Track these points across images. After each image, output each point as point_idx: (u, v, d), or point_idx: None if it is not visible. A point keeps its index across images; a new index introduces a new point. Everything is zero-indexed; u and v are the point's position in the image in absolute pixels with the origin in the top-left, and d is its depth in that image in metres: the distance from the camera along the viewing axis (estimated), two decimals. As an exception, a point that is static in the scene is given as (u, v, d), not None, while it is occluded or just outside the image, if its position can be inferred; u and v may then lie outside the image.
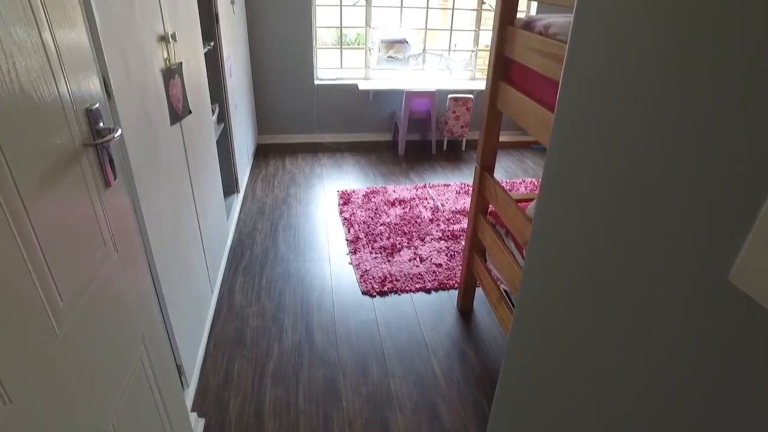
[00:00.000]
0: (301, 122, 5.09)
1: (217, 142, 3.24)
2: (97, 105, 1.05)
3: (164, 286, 1.78)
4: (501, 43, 2.04)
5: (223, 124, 3.42)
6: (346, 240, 3.42)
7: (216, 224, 2.88)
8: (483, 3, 5.04)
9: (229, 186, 3.70)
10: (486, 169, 2.34)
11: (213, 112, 3.22)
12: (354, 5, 4.87)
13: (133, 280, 1.25)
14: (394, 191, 4.14)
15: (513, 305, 2.15)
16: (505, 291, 2.26)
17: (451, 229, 3.58)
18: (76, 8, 1.00)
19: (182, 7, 2.28)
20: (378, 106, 5.11)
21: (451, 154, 5.10)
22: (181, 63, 2.16)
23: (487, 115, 2.23)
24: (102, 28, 1.34)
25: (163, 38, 1.96)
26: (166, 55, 2.00)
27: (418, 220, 3.69)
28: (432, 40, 5.39)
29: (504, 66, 2.09)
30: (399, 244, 3.37)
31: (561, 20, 1.71)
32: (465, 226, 3.64)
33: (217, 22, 3.15)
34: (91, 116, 1.02)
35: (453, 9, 5.08)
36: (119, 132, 1.05)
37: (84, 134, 0.99)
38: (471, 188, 4.23)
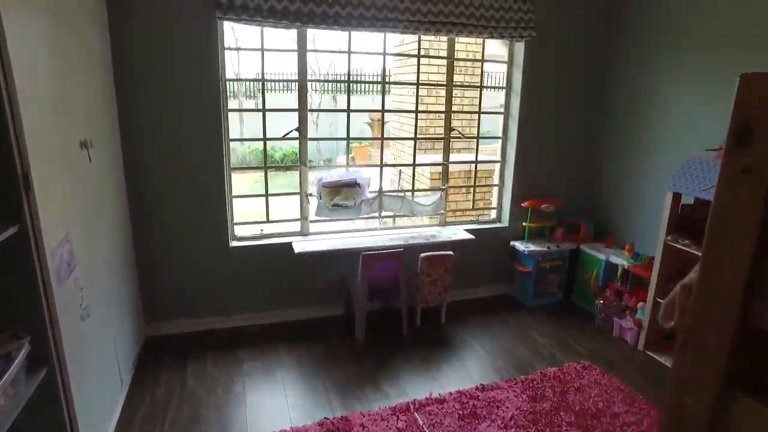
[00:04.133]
0: (211, 301, 3.50)
1: (31, 405, 1.61)
2: None
3: None
4: (748, 312, 0.68)
5: (44, 370, 1.78)
6: None
7: None
8: (452, 130, 3.95)
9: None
10: None
11: (13, 360, 1.60)
12: (284, 138, 3.60)
13: None
14: (363, 426, 2.56)
15: None
16: None
17: None
18: None
19: None
20: (322, 270, 3.65)
21: (429, 332, 3.66)
22: None
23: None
24: None
25: None
26: None
27: (417, 501, 2.10)
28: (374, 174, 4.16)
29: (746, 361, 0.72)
30: None
31: None
32: (498, 503, 2.08)
33: (28, 189, 1.65)
34: None
35: (415, 138, 3.94)
36: None
37: None
38: (479, 402, 2.72)
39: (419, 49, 3.74)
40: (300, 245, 3.48)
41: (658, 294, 3.33)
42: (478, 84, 4.06)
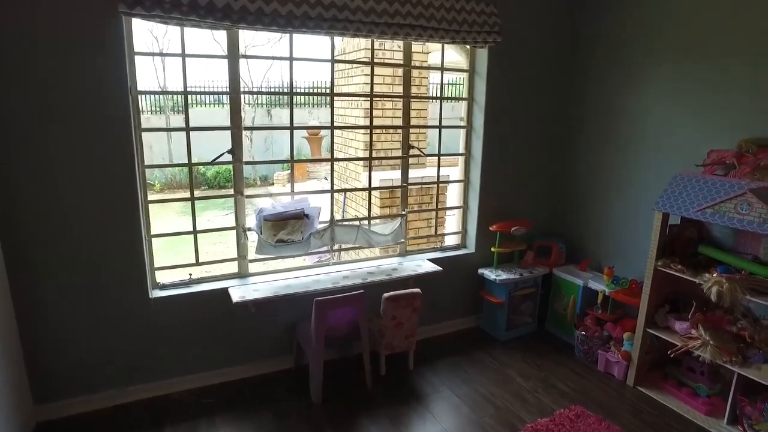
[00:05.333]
0: (127, 366, 2.81)
1: None
2: None
3: None
4: None
5: None
6: None
7: None
8: (411, 147, 3.49)
9: None
10: None
11: None
12: (214, 162, 3.00)
13: None
14: None
15: None
16: None
17: None
18: None
19: None
20: (265, 320, 3.06)
21: (396, 382, 3.13)
22: None
23: None
24: None
25: None
26: None
27: None
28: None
29: None
30: None
31: None
32: None
33: None
34: None
35: (371, 158, 3.44)
36: None
37: None
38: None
39: (372, 57, 3.25)
40: (238, 291, 2.87)
41: (647, 324, 3.00)
42: (425, 95, 3.63)
